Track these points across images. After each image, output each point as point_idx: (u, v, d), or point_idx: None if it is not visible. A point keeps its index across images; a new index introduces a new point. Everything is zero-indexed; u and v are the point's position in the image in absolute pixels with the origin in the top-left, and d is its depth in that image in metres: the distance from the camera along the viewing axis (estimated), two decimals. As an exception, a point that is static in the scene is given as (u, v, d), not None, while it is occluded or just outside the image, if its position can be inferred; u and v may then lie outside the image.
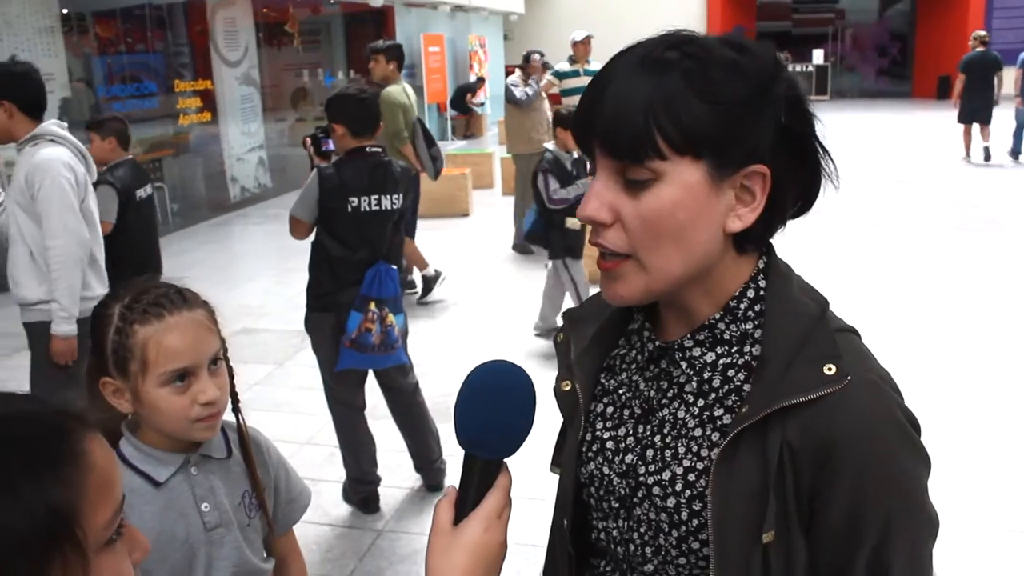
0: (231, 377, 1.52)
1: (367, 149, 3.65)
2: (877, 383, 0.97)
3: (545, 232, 5.69)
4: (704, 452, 1.01)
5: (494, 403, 0.96)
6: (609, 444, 1.11)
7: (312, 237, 3.71)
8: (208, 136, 11.29)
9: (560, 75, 9.04)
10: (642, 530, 1.07)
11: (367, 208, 3.57)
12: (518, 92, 8.41)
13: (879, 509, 0.95)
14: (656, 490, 1.04)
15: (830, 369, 0.94)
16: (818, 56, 25.63)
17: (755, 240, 1.02)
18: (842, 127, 16.98)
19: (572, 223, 5.43)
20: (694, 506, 1.01)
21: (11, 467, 0.70)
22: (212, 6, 11.19)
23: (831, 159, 1.02)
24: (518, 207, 8.68)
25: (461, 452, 0.96)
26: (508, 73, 22.66)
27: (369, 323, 3.58)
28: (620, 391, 1.13)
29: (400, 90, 6.54)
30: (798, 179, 1.00)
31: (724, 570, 0.97)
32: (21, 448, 0.72)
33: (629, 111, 0.92)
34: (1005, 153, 13.03)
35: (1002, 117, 13.14)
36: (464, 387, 0.98)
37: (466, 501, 0.95)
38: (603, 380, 1.16)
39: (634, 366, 1.12)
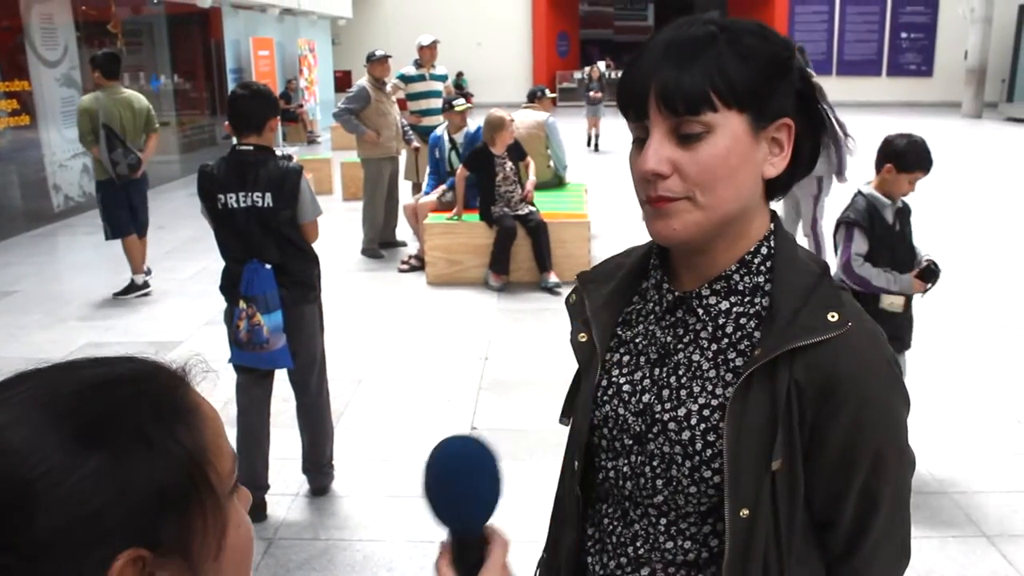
0: None
1: (238, 147, 3.64)
2: (874, 331, 1.14)
3: None
4: (718, 391, 1.16)
5: (467, 490, 0.97)
6: (625, 387, 1.24)
7: None
8: (25, 141, 10.55)
9: (406, 79, 9.05)
10: (654, 463, 1.19)
11: (235, 205, 3.57)
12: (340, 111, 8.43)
13: (872, 442, 1.12)
14: (672, 425, 1.17)
15: (833, 316, 1.10)
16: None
17: (782, 187, 1.18)
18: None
19: (892, 303, 3.82)
20: (708, 438, 1.15)
21: (143, 419, 0.71)
22: (26, 1, 10.49)
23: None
24: (367, 211, 8.65)
25: (349, 458, 0.99)
26: (338, 79, 22.47)
27: (240, 320, 3.61)
28: (636, 340, 1.26)
29: (92, 98, 7.07)
30: (811, 136, 1.16)
31: (736, 495, 1.12)
32: (148, 401, 0.73)
33: (687, 71, 1.06)
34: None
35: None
36: (433, 477, 0.99)
37: (466, 561, 0.97)
38: (619, 332, 1.29)
39: (651, 317, 1.25)
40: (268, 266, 3.60)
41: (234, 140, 3.70)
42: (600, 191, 10.82)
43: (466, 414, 4.88)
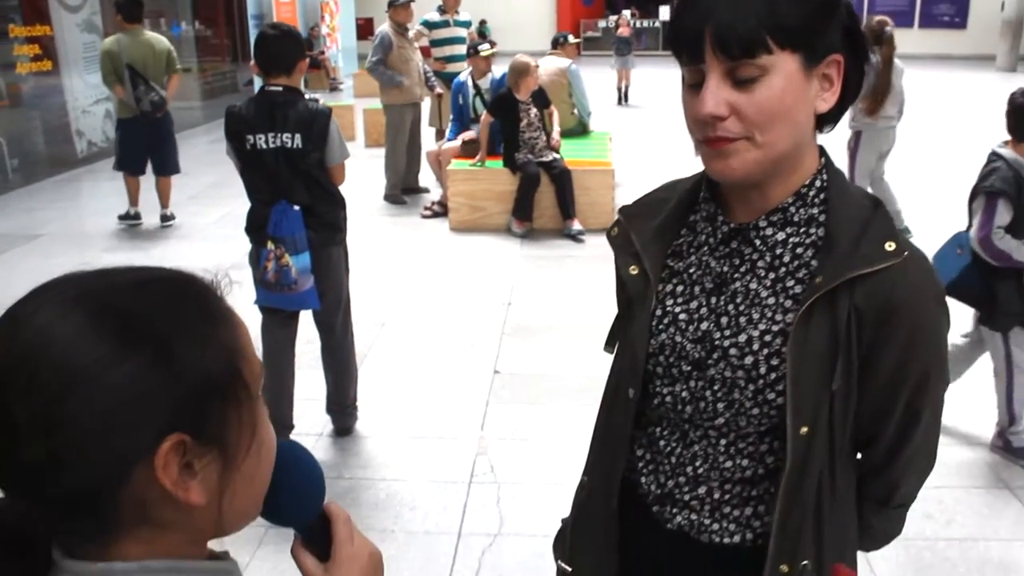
0: None
1: (266, 88, 3.60)
2: (926, 260, 1.21)
3: (986, 286, 3.57)
4: (778, 317, 1.21)
5: (290, 493, 0.94)
6: (682, 316, 1.29)
7: None
8: (48, 87, 10.52)
9: (430, 25, 8.94)
10: (715, 388, 1.25)
11: (263, 145, 3.54)
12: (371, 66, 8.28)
13: (920, 363, 1.20)
14: (733, 351, 1.23)
15: (890, 246, 1.16)
16: (664, 12, 26.24)
17: (832, 120, 1.22)
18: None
19: None
20: (772, 362, 1.20)
21: (187, 316, 0.76)
22: (47, -54, 10.41)
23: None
24: (389, 157, 8.60)
25: (373, 400, 0.98)
26: (360, 26, 22.26)
27: (268, 261, 3.60)
28: (690, 271, 1.30)
29: (114, 40, 7.31)
30: (857, 69, 1.19)
31: (798, 415, 1.19)
32: (194, 301, 0.78)
33: (741, 15, 1.08)
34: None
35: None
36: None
37: (320, 543, 0.97)
38: (670, 264, 1.33)
39: (704, 249, 1.29)
40: (296, 207, 3.58)
41: (256, 82, 3.66)
42: (625, 141, 10.71)
43: (489, 358, 4.88)
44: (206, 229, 7.70)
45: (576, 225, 7.26)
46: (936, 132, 12.46)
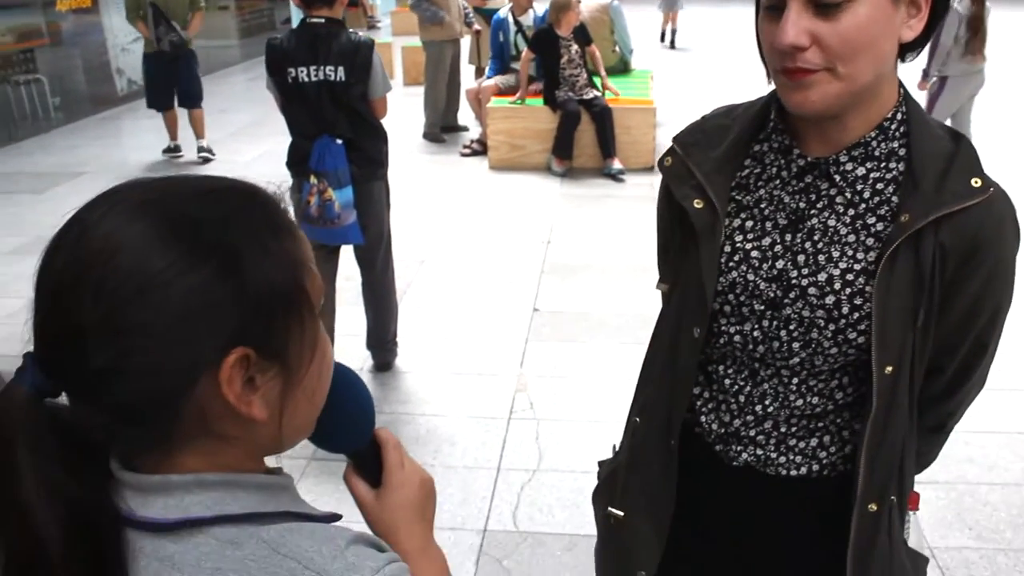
0: None
1: (308, 20, 3.54)
2: (1006, 194, 1.17)
3: None
4: (860, 255, 1.18)
5: (341, 418, 0.92)
6: (754, 253, 1.24)
7: None
8: (88, 25, 10.54)
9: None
10: (791, 327, 1.21)
11: (306, 79, 3.49)
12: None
13: (994, 298, 1.18)
14: (812, 291, 1.19)
15: (976, 182, 1.12)
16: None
17: (915, 48, 1.15)
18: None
19: None
20: (855, 301, 1.17)
21: (256, 225, 0.74)
22: None
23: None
24: (428, 94, 8.53)
25: (413, 336, 0.95)
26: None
27: (310, 195, 3.58)
28: (761, 205, 1.25)
29: None
30: None
31: (884, 355, 1.16)
32: (261, 211, 0.76)
33: None
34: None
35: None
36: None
37: (371, 470, 0.96)
38: (736, 197, 1.27)
39: (776, 182, 1.24)
40: (339, 141, 3.55)
41: (295, 18, 3.61)
42: (670, 82, 10.51)
43: (528, 296, 4.87)
44: (246, 167, 7.72)
45: (616, 164, 7.17)
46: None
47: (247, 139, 8.73)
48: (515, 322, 4.54)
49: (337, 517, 0.80)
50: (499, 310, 4.70)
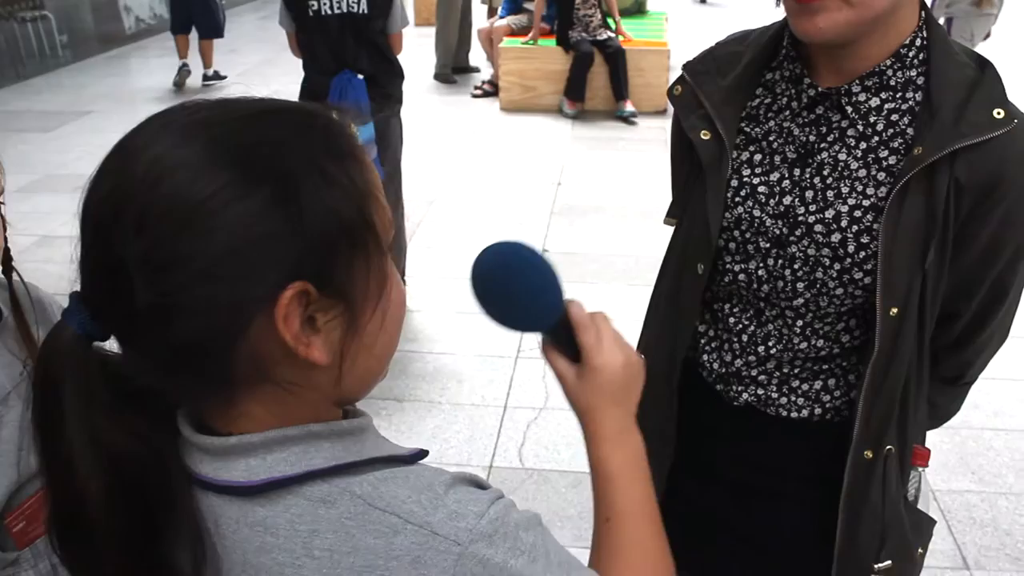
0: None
1: None
2: None
3: None
4: (869, 191, 1.11)
5: (516, 290, 0.89)
6: (761, 188, 1.18)
7: None
8: (95, -40, 10.43)
9: None
10: (796, 266, 1.16)
11: (327, 11, 3.46)
12: None
13: (1016, 236, 1.10)
14: (818, 228, 1.14)
15: (999, 113, 1.04)
16: None
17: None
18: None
19: None
20: (862, 239, 1.11)
21: (316, 149, 0.67)
22: None
23: None
24: (440, 35, 8.44)
25: (421, 276, 0.91)
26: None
27: None
28: (769, 138, 1.19)
29: None
30: None
31: (888, 295, 1.10)
32: (321, 135, 0.69)
33: None
34: None
35: None
36: (484, 300, 0.90)
37: (569, 346, 0.91)
38: (745, 128, 1.21)
39: (786, 113, 1.18)
40: (360, 76, 3.53)
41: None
42: (691, 31, 10.35)
43: (537, 237, 4.85)
44: (255, 106, 7.67)
45: (629, 107, 7.09)
46: None
47: (258, 78, 8.65)
48: (524, 263, 4.53)
49: (424, 453, 0.75)
50: (508, 251, 4.69)
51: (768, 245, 1.18)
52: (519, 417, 3.27)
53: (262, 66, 9.13)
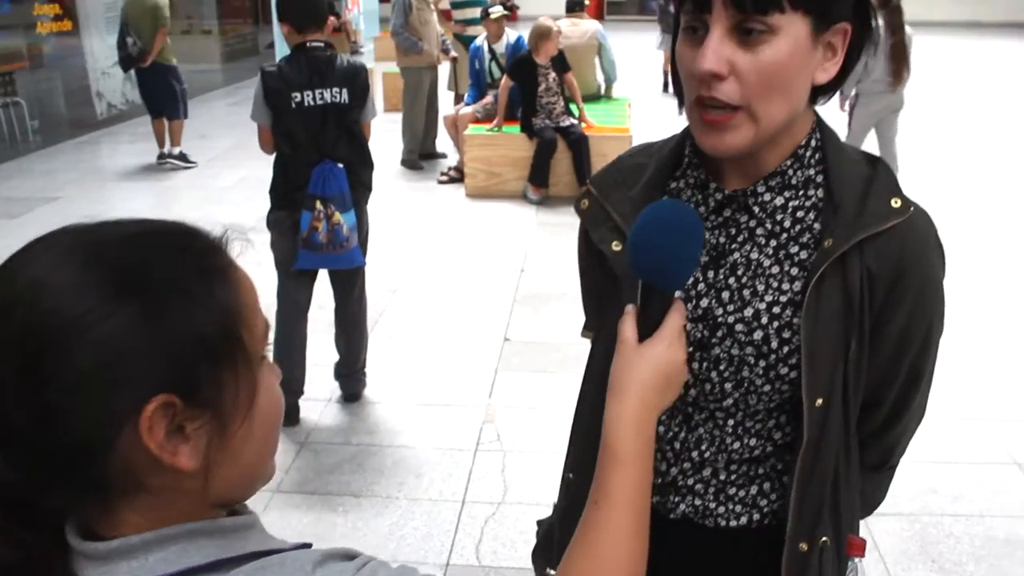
0: None
1: (308, 44, 3.57)
2: (926, 214, 1.15)
3: None
4: (785, 286, 1.15)
5: (676, 239, 1.02)
6: (677, 294, 1.17)
7: None
8: (69, 48, 10.52)
9: (450, -13, 8.85)
10: (721, 367, 1.17)
11: (310, 103, 3.52)
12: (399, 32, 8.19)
13: (925, 319, 1.16)
14: (739, 327, 1.16)
15: (896, 202, 1.11)
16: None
17: (828, 91, 1.13)
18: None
19: None
20: (783, 335, 1.14)
21: (184, 274, 0.72)
22: (68, -95, 10.35)
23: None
24: (407, 121, 8.56)
25: (383, 366, 0.96)
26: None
27: (316, 222, 3.59)
28: None
29: None
30: (862, 38, 1.11)
31: (814, 388, 1.13)
32: (188, 256, 0.74)
33: None
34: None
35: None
36: (644, 225, 1.03)
37: (648, 322, 1.02)
38: None
39: None
40: (340, 165, 3.59)
41: (279, 44, 3.62)
42: (646, 110, 10.57)
43: (500, 325, 4.87)
44: (223, 192, 7.72)
45: (593, 192, 7.18)
46: (964, 101, 12.24)
47: (227, 163, 8.73)
48: (486, 352, 4.54)
49: (307, 546, 0.77)
50: (470, 339, 4.71)
51: (691, 349, 1.18)
52: (477, 512, 3.24)
53: (232, 151, 9.21)
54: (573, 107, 7.50)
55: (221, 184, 7.98)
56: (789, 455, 1.21)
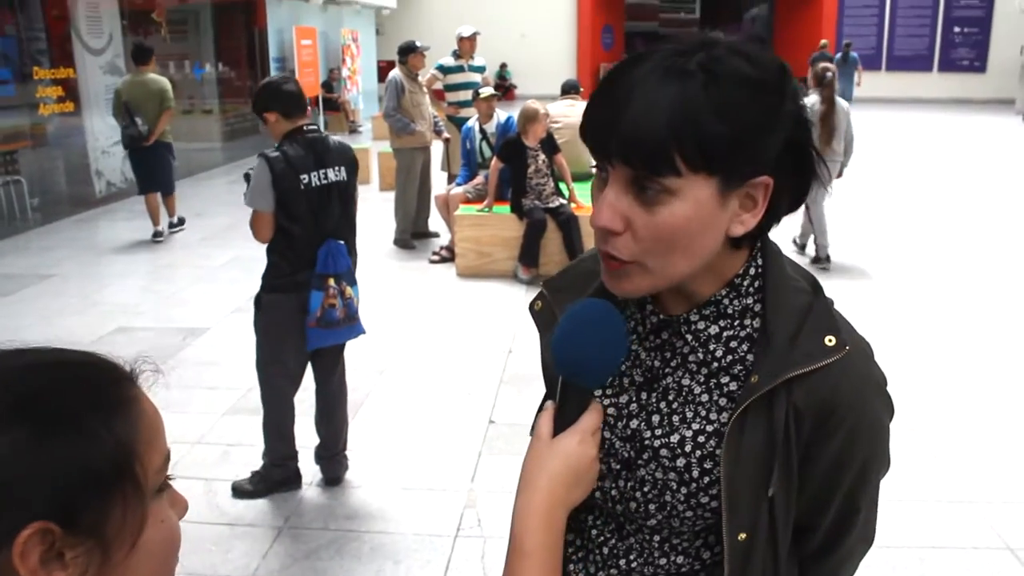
0: None
1: (304, 128, 3.69)
2: (867, 352, 1.13)
3: None
4: (712, 416, 1.12)
5: (596, 337, 1.04)
6: (611, 411, 1.19)
7: None
8: (70, 127, 10.72)
9: (445, 70, 9.04)
10: (645, 489, 1.16)
11: (317, 183, 3.63)
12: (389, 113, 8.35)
13: (859, 457, 1.12)
14: (664, 452, 1.14)
15: (831, 340, 1.06)
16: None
17: (751, 239, 1.08)
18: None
19: None
20: (705, 465, 1.11)
21: (78, 405, 0.74)
22: (73, -9, 10.66)
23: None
24: (399, 200, 8.66)
25: (367, 449, 0.98)
26: (381, 69, 22.55)
27: (331, 299, 3.68)
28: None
29: (123, 81, 8.92)
30: (795, 185, 1.06)
31: (734, 520, 1.10)
32: (85, 388, 0.75)
33: (651, 126, 0.94)
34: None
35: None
36: (567, 321, 1.06)
37: (565, 419, 1.06)
38: None
39: (633, 337, 1.19)
40: (340, 241, 3.71)
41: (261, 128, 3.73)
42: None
43: (485, 408, 4.87)
44: (214, 272, 7.77)
45: (582, 272, 7.23)
46: (950, 176, 12.40)
47: (219, 243, 8.81)
48: (470, 434, 4.53)
49: None
50: (455, 422, 4.70)
51: (619, 467, 1.18)
52: (455, 601, 3.20)
53: (226, 230, 9.30)
54: (563, 187, 7.60)
55: (213, 263, 8.04)
56: (719, 572, 1.18)
